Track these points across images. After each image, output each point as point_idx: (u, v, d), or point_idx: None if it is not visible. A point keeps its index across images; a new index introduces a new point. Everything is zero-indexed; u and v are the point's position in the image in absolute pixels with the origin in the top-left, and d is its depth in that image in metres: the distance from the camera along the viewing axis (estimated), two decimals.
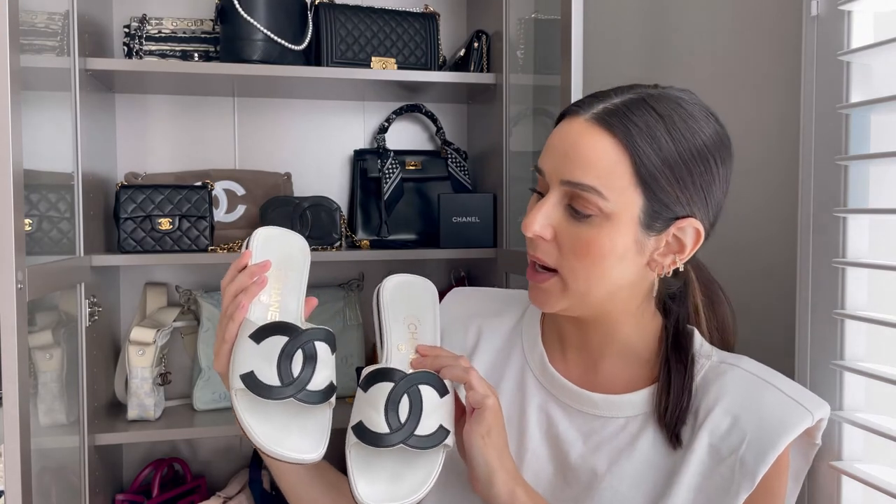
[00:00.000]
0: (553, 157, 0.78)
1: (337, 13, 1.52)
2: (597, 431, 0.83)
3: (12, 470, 0.94)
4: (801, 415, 0.77)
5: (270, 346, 0.75)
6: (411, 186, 1.69)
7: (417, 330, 0.86)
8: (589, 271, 0.77)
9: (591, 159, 0.75)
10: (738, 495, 0.76)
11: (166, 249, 1.43)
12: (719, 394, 0.80)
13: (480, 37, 1.57)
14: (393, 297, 0.88)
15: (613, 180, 0.75)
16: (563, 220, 0.77)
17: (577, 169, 0.75)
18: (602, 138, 0.75)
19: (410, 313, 0.87)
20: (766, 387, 0.80)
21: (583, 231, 0.76)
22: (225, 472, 1.69)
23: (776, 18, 1.02)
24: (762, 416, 0.77)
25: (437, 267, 1.78)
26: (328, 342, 0.78)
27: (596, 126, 0.76)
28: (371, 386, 0.77)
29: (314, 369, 0.76)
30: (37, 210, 1.16)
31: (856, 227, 0.88)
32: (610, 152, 0.75)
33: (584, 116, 0.77)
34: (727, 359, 0.83)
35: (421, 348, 0.83)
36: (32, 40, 1.13)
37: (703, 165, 0.77)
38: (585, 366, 0.87)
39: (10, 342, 0.94)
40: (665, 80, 1.28)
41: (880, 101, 0.82)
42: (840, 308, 0.89)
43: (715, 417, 0.79)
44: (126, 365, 1.46)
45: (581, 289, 0.78)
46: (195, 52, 1.55)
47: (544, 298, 0.81)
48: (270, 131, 1.71)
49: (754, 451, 0.76)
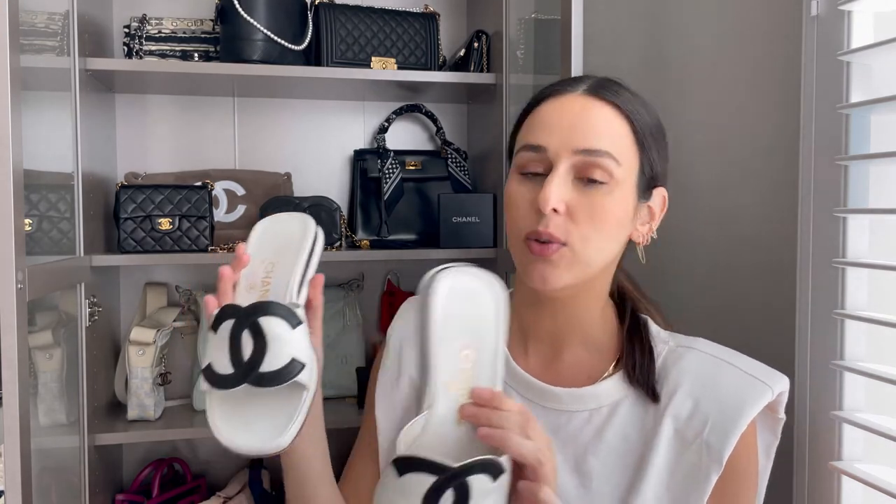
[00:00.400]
0: (558, 132, 0.79)
1: (337, 13, 1.52)
2: (563, 427, 0.83)
3: (12, 470, 0.94)
4: (760, 390, 0.78)
5: (223, 331, 0.68)
6: (411, 186, 1.68)
7: (476, 359, 0.68)
8: (599, 238, 0.79)
9: (603, 126, 0.78)
10: (708, 479, 0.76)
11: (166, 249, 1.43)
12: (679, 378, 0.81)
13: (480, 37, 1.57)
14: (447, 309, 0.68)
15: (621, 145, 0.79)
16: (574, 191, 0.78)
17: (591, 137, 0.78)
18: (604, 107, 0.79)
19: (469, 337, 0.68)
20: (724, 366, 0.81)
21: (596, 198, 0.78)
22: (225, 472, 1.69)
23: (776, 18, 1.02)
24: (722, 396, 0.78)
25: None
26: (281, 315, 0.68)
27: (594, 98, 0.80)
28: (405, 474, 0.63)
29: (264, 348, 0.67)
30: (37, 210, 1.16)
31: (856, 227, 0.88)
32: (614, 119, 0.79)
33: (576, 92, 0.81)
34: (683, 342, 0.85)
35: (477, 395, 0.68)
36: (32, 40, 1.13)
37: (664, 136, 0.85)
38: (548, 358, 0.87)
39: (10, 342, 0.94)
40: (665, 79, 1.29)
41: (880, 101, 0.82)
42: (840, 308, 0.89)
43: (677, 402, 0.80)
44: (126, 365, 1.46)
45: (590, 258, 0.79)
46: (195, 52, 1.54)
47: (551, 272, 0.78)
48: (270, 131, 1.71)
49: (718, 432, 0.77)
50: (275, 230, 0.80)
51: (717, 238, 1.15)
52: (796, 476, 0.94)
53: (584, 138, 0.77)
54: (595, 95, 0.80)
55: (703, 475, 0.77)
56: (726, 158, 1.13)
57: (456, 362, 0.68)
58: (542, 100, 0.82)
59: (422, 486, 0.62)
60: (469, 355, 0.68)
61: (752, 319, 1.07)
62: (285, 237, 0.79)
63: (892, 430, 0.82)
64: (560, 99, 0.81)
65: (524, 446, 0.66)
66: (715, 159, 1.15)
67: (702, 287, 1.19)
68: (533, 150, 0.80)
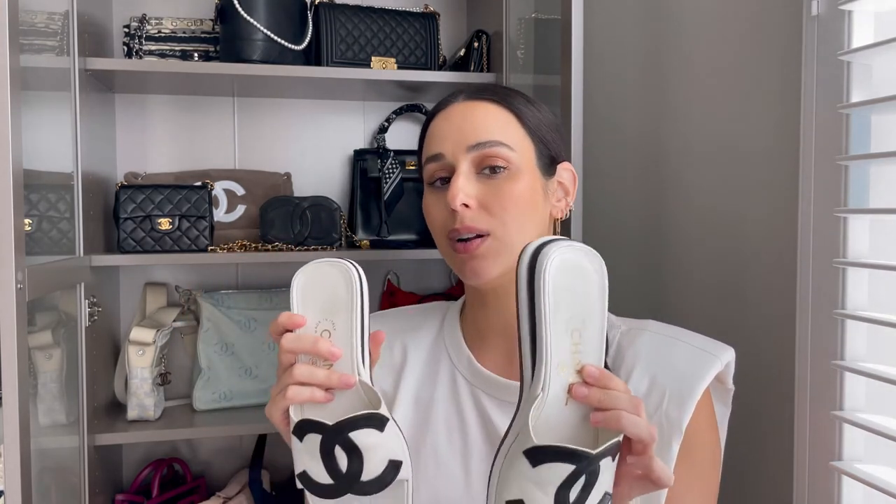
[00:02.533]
0: (449, 137, 0.86)
1: (337, 13, 1.52)
2: None
3: (12, 470, 0.94)
4: (710, 361, 0.83)
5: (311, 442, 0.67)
6: (411, 186, 1.68)
7: (582, 338, 0.64)
8: (516, 221, 0.83)
9: (488, 120, 0.85)
10: (670, 448, 0.80)
11: (166, 249, 1.43)
12: (634, 359, 0.85)
13: (480, 37, 1.57)
14: (557, 287, 0.63)
15: (509, 133, 0.85)
16: (480, 184, 0.84)
17: (479, 131, 0.84)
18: (487, 105, 0.86)
19: (576, 314, 0.64)
20: (674, 342, 0.86)
21: (501, 185, 0.83)
22: (225, 472, 1.69)
23: (776, 18, 1.02)
24: (675, 369, 0.83)
25: (436, 267, 1.78)
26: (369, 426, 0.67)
27: (475, 100, 0.87)
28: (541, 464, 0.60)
29: (361, 460, 0.66)
30: (37, 210, 1.16)
31: (856, 227, 0.88)
32: (498, 113, 0.86)
33: (458, 101, 0.88)
34: (635, 325, 0.89)
35: (589, 373, 0.65)
36: (32, 40, 1.13)
37: (550, 113, 0.91)
38: (507, 354, 0.89)
39: (10, 342, 0.94)
40: (665, 79, 1.29)
41: (880, 101, 0.82)
42: (840, 308, 0.89)
43: (634, 381, 0.84)
44: (126, 365, 1.46)
45: (512, 241, 0.83)
46: (195, 52, 1.54)
47: (481, 265, 0.84)
48: (270, 131, 1.71)
49: (675, 403, 0.81)
50: (317, 286, 0.73)
51: (717, 238, 1.15)
52: (796, 476, 0.94)
53: (473, 134, 0.84)
54: (474, 98, 0.87)
55: (665, 445, 0.80)
56: (726, 158, 1.13)
57: (568, 342, 0.64)
58: (432, 118, 0.90)
59: (559, 474, 0.60)
60: (577, 331, 0.64)
61: (753, 319, 1.07)
62: (329, 293, 0.72)
63: (892, 430, 0.82)
64: (445, 110, 0.88)
65: (639, 426, 0.64)
66: (715, 159, 1.15)
67: (702, 287, 1.19)
68: (433, 160, 0.87)
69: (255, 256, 1.46)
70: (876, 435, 0.83)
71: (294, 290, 0.72)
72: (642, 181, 1.36)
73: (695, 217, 1.21)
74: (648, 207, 1.33)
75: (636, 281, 1.34)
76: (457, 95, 0.89)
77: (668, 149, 1.27)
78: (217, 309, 1.56)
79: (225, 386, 1.53)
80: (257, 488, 1.55)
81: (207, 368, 1.53)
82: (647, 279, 1.33)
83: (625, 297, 1.08)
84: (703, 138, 1.18)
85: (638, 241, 1.36)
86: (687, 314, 1.22)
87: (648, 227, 1.32)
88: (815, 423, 0.92)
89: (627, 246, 1.39)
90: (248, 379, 1.56)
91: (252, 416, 1.50)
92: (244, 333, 1.57)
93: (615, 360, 0.86)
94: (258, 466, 1.58)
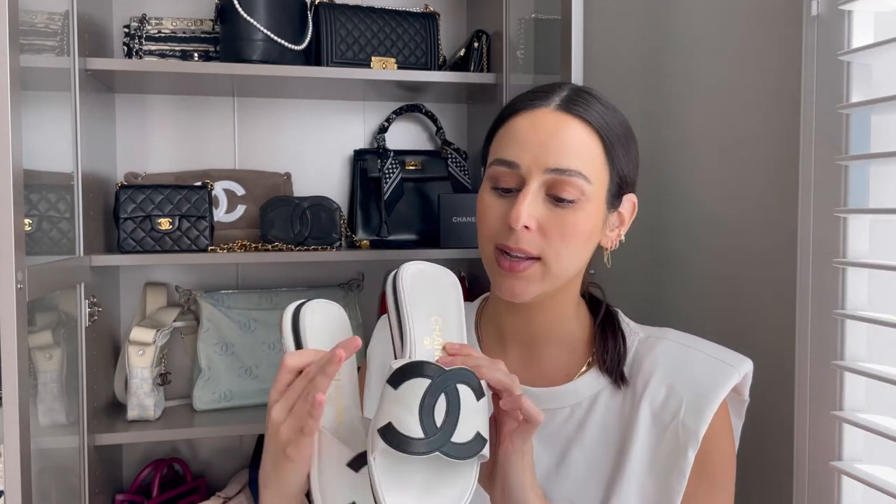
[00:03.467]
0: (530, 149, 0.80)
1: (337, 13, 1.52)
2: (545, 425, 0.84)
3: (12, 470, 0.94)
4: (728, 372, 0.82)
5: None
6: (411, 186, 1.68)
7: (442, 326, 0.76)
8: (572, 254, 0.81)
9: (574, 145, 0.79)
10: (686, 458, 0.80)
11: (166, 249, 1.43)
12: (653, 366, 0.84)
13: (480, 37, 1.57)
14: (414, 287, 0.76)
15: (592, 164, 0.80)
16: (545, 208, 0.80)
17: (563, 156, 0.79)
18: (576, 125, 0.80)
19: (434, 308, 0.76)
20: (693, 352, 0.85)
21: (566, 216, 0.79)
22: (225, 472, 1.69)
23: (776, 18, 1.02)
24: (694, 379, 0.82)
25: None
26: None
27: (566, 114, 0.80)
28: (402, 382, 0.67)
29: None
30: (37, 210, 1.16)
31: (856, 227, 0.88)
32: (586, 137, 0.80)
33: (548, 107, 0.81)
34: (654, 333, 0.89)
35: (450, 347, 0.74)
36: (32, 40, 1.13)
37: (634, 144, 0.86)
38: (526, 360, 0.89)
39: (10, 342, 0.94)
40: (665, 79, 1.29)
41: (880, 101, 0.82)
42: (840, 308, 0.89)
43: (652, 388, 0.83)
44: (126, 365, 1.46)
45: (562, 272, 0.81)
46: (195, 52, 1.54)
47: (523, 287, 0.81)
48: (270, 131, 1.71)
49: (693, 412, 0.81)
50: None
51: (717, 238, 1.15)
52: (796, 476, 0.94)
53: (556, 157, 0.79)
54: (567, 111, 0.80)
55: (681, 454, 0.80)
56: (726, 158, 1.13)
57: (428, 325, 0.75)
58: (515, 112, 0.83)
59: (417, 391, 0.66)
60: (437, 320, 0.76)
61: (753, 319, 1.07)
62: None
63: (892, 430, 0.82)
64: (533, 113, 0.81)
65: (497, 372, 0.70)
66: (715, 159, 1.15)
67: (701, 287, 1.19)
68: (506, 165, 0.81)
69: (255, 256, 1.46)
70: (876, 435, 0.83)
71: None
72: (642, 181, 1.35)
73: (694, 217, 1.21)
74: (648, 207, 1.33)
75: (636, 281, 1.34)
76: (549, 98, 0.82)
77: (668, 149, 1.27)
78: (217, 309, 1.56)
79: (225, 386, 1.53)
80: (257, 488, 1.55)
81: (207, 368, 1.53)
82: (647, 279, 1.33)
83: (625, 296, 1.08)
84: (702, 138, 1.18)
85: (638, 241, 1.36)
86: (687, 314, 1.22)
87: (648, 227, 1.32)
88: (815, 423, 0.92)
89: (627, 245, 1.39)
90: (248, 379, 1.56)
91: (252, 416, 1.50)
92: (244, 333, 1.57)
93: (633, 366, 0.86)
94: (258, 466, 1.57)
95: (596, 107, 0.82)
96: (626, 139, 0.84)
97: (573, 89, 0.84)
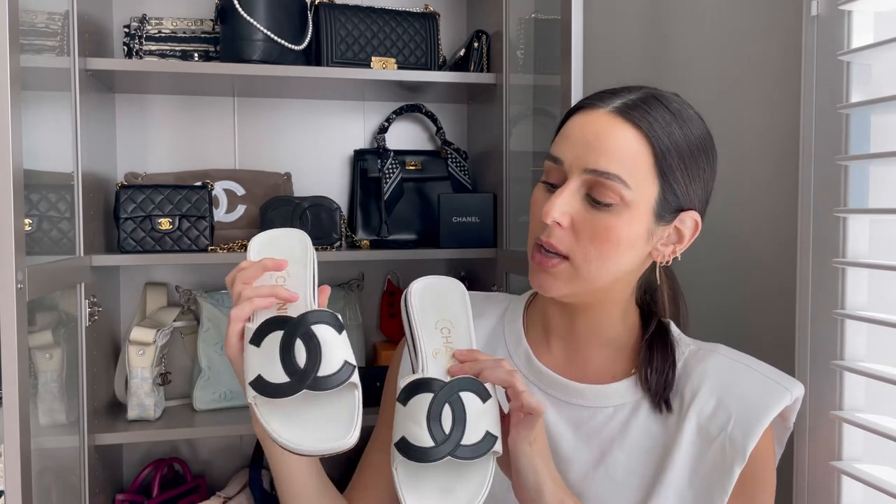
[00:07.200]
0: (575, 147, 0.80)
1: (337, 13, 1.52)
2: (585, 422, 0.85)
3: (12, 470, 0.94)
4: (781, 392, 0.81)
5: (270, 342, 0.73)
6: (411, 186, 1.68)
7: (451, 334, 0.81)
8: (602, 258, 0.79)
9: (616, 149, 0.78)
10: (731, 472, 0.79)
11: (166, 249, 1.43)
12: (702, 378, 0.84)
13: (480, 37, 1.57)
14: (422, 302, 0.83)
15: (636, 170, 0.78)
16: (582, 208, 0.79)
17: (602, 158, 0.78)
18: (626, 129, 0.78)
19: (441, 317, 0.82)
20: (745, 369, 0.84)
21: (602, 219, 0.78)
22: (225, 472, 1.69)
23: (776, 18, 1.02)
24: (745, 395, 0.81)
25: (436, 267, 1.78)
26: (329, 322, 0.74)
27: (619, 118, 0.79)
28: (410, 399, 0.73)
29: (319, 354, 0.72)
30: (37, 210, 1.16)
31: (856, 227, 0.88)
32: (633, 143, 0.78)
33: (604, 109, 0.80)
34: (705, 346, 0.88)
35: (459, 353, 0.78)
36: (32, 40, 1.13)
37: (704, 160, 0.82)
38: (571, 357, 0.89)
39: (10, 342, 0.94)
40: (665, 79, 1.29)
41: (880, 101, 0.82)
42: (840, 308, 0.89)
43: (700, 399, 0.82)
44: (126, 365, 1.46)
45: (591, 275, 0.80)
46: (195, 52, 1.55)
47: (551, 282, 0.82)
48: (270, 131, 1.71)
49: (742, 427, 0.80)
50: (274, 244, 0.85)
51: (717, 238, 1.15)
52: (796, 476, 0.94)
53: (595, 159, 0.78)
54: (622, 115, 0.79)
55: (726, 469, 0.79)
56: (726, 158, 1.12)
57: (436, 335, 0.80)
58: (576, 111, 0.83)
59: (423, 405, 0.72)
60: (446, 330, 0.81)
61: (753, 319, 1.07)
62: (287, 250, 0.83)
63: (892, 430, 0.82)
64: (588, 114, 0.81)
65: (498, 371, 0.74)
66: None
67: (702, 287, 1.19)
68: (552, 160, 0.82)
69: None
70: (876, 435, 0.83)
71: (252, 249, 0.83)
72: None
73: None
74: None
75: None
76: (610, 100, 0.81)
77: None
78: (217, 309, 1.56)
79: (225, 386, 1.53)
80: (258, 488, 1.55)
81: (207, 368, 1.53)
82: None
83: None
84: None
85: None
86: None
87: None
88: (815, 423, 0.92)
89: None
90: None
91: None
92: None
93: (681, 377, 0.85)
94: (258, 466, 1.58)
95: (659, 116, 0.79)
96: (691, 154, 0.80)
97: (643, 94, 0.81)
